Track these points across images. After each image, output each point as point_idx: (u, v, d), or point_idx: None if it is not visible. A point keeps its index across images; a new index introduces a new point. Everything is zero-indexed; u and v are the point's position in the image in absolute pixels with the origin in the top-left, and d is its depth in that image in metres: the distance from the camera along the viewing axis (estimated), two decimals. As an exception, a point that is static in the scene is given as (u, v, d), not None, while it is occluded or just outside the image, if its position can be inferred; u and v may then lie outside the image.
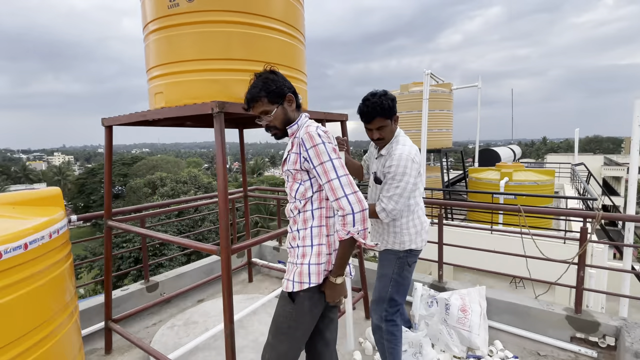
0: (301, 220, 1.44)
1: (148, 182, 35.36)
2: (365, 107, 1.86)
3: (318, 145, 1.33)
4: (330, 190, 1.31)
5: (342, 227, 1.30)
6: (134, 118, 2.27)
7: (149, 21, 2.17)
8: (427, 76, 5.95)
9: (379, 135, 1.92)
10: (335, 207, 1.32)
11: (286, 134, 1.50)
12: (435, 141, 7.91)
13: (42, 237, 1.41)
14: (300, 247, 1.44)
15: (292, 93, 1.47)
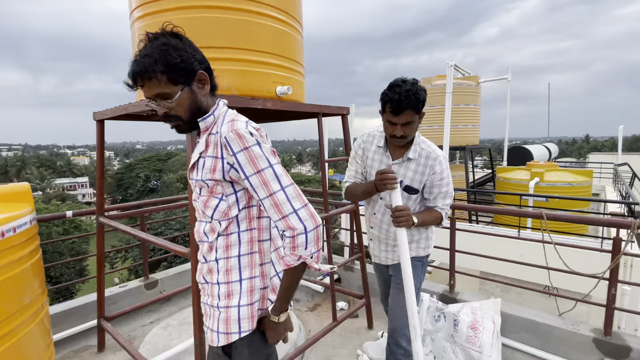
0: (222, 246, 1.07)
1: (180, 178, 36.77)
2: (397, 94, 1.48)
3: (252, 148, 0.98)
4: (273, 206, 0.98)
5: (291, 251, 0.98)
6: (117, 112, 2.18)
7: (133, 8, 2.07)
8: (451, 68, 5.55)
9: (402, 133, 1.56)
10: (281, 228, 0.98)
11: (194, 127, 1.08)
12: (459, 138, 7.42)
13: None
14: (222, 284, 1.07)
15: (205, 70, 1.07)
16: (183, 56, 0.98)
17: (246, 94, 1.96)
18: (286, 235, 0.98)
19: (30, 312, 1.54)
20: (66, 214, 2.73)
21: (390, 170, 1.52)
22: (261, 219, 1.10)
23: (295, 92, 2.25)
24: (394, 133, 1.58)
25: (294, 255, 0.99)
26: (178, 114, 1.03)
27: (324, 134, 6.84)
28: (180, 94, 1.00)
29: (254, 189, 0.99)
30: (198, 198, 1.10)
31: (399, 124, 1.54)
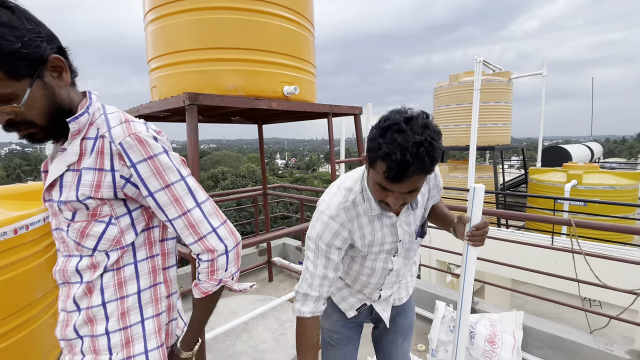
0: (111, 285, 0.82)
1: (211, 176, 38.03)
2: (400, 151, 0.85)
3: (158, 157, 0.78)
4: (187, 227, 0.81)
5: (210, 276, 0.84)
6: (132, 114, 2.25)
7: (146, 12, 2.12)
8: (479, 64, 5.27)
9: (403, 201, 0.99)
10: (197, 251, 0.83)
11: (56, 133, 0.80)
12: (488, 137, 7.02)
13: (5, 232, 1.40)
14: (115, 332, 0.82)
15: (58, 52, 0.75)
16: (24, 37, 0.67)
17: (252, 95, 1.95)
18: (203, 260, 0.84)
19: (43, 306, 1.61)
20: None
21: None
22: (165, 242, 0.91)
23: (304, 91, 2.21)
24: (388, 202, 0.99)
25: (213, 280, 0.85)
26: (29, 119, 0.73)
27: (342, 132, 6.73)
28: (29, 93, 0.71)
29: (160, 207, 0.80)
30: (69, 226, 0.80)
31: (404, 191, 0.95)
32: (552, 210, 4.71)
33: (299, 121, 3.15)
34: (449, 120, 7.34)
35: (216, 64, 1.93)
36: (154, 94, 2.15)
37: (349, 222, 1.10)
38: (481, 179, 7.03)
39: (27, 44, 0.68)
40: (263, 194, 3.64)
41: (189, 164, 1.67)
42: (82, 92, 0.85)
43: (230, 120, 3.18)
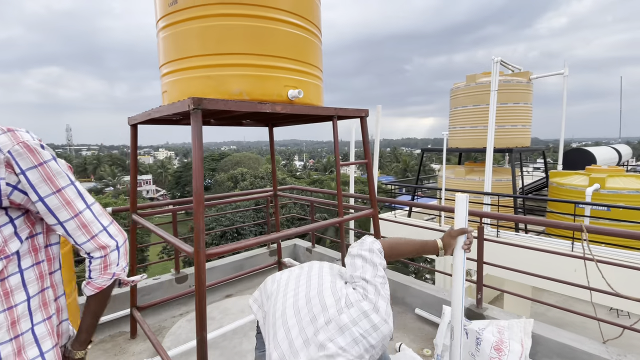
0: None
1: (231, 177, 38.66)
2: None
3: (48, 164, 0.83)
4: (79, 227, 0.87)
5: (103, 271, 0.91)
6: (144, 117, 2.34)
7: (157, 19, 2.20)
8: (496, 64, 5.13)
9: None
10: (90, 249, 0.89)
11: None
12: (506, 139, 6.79)
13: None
14: (5, 343, 0.82)
15: None
16: None
17: (257, 98, 1.99)
18: (95, 257, 0.90)
19: (56, 299, 1.71)
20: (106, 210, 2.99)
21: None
22: (50, 248, 0.93)
23: (310, 95, 2.24)
24: None
25: (107, 274, 0.92)
26: None
27: (352, 134, 6.70)
28: None
29: (51, 211, 0.84)
30: None
31: None
32: (573, 215, 4.53)
33: (312, 123, 3.18)
34: (466, 122, 7.18)
35: (222, 69, 1.99)
36: (165, 98, 2.23)
37: None
38: (499, 182, 6.84)
39: None
40: (273, 195, 3.69)
41: (193, 165, 1.73)
42: None
43: (242, 123, 3.25)
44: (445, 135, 5.80)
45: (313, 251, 4.12)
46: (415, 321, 2.99)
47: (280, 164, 63.59)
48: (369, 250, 1.21)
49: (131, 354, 2.66)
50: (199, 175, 1.72)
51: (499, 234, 5.30)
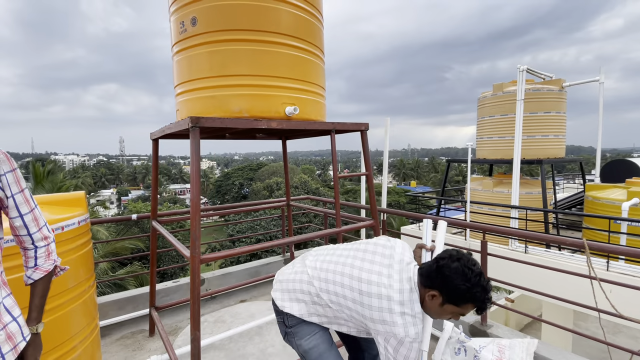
0: None
1: (266, 186, 39.76)
2: (488, 300, 1.30)
3: (17, 170, 1.09)
4: (33, 220, 1.11)
5: (47, 257, 1.15)
6: (161, 132, 2.59)
7: (172, 44, 2.45)
8: (522, 73, 4.93)
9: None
10: (38, 238, 1.13)
11: None
12: (536, 150, 6.38)
13: (43, 232, 1.74)
14: None
15: None
16: None
17: (255, 116, 2.14)
18: (41, 245, 1.13)
19: (75, 294, 1.94)
20: (132, 217, 3.29)
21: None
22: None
23: (307, 110, 2.36)
24: (454, 318, 1.38)
25: (50, 260, 1.16)
26: None
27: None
28: None
29: (17, 205, 1.07)
30: None
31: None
32: (608, 232, 4.18)
33: (322, 136, 3.28)
34: (494, 132, 6.91)
35: (225, 90, 2.17)
36: (178, 115, 2.46)
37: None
38: (529, 194, 6.47)
39: None
40: (287, 205, 3.83)
41: (191, 177, 1.90)
42: None
43: (256, 137, 3.44)
44: (470, 145, 5.64)
45: (326, 261, 4.18)
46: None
47: (315, 174, 64.16)
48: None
49: (147, 350, 2.88)
50: (196, 185, 1.89)
51: (527, 250, 5.02)
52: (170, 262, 17.68)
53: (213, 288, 3.74)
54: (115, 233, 13.48)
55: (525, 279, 4.35)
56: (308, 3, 2.34)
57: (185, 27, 2.23)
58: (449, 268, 1.28)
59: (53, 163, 14.61)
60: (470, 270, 1.26)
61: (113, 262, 11.67)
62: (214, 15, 2.10)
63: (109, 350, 2.88)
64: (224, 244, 19.05)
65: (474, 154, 7.40)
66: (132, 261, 13.27)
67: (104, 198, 38.21)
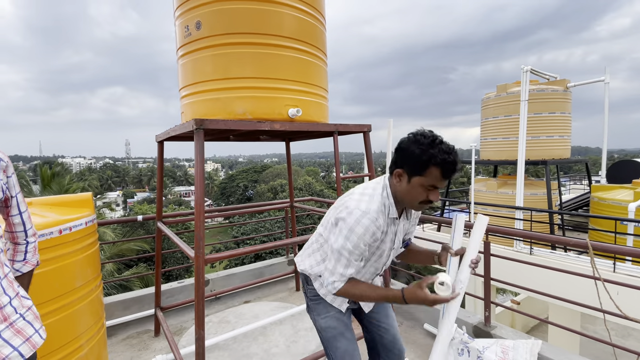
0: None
1: (271, 188, 39.87)
2: (453, 157, 1.24)
3: (15, 173, 1.19)
4: (28, 217, 1.23)
5: (34, 253, 1.26)
6: (166, 135, 2.62)
7: (177, 48, 2.49)
8: (526, 74, 4.91)
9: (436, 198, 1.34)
10: (31, 234, 1.24)
11: None
12: (540, 150, 6.35)
13: (51, 232, 1.77)
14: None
15: None
16: None
17: (259, 117, 2.17)
18: (31, 242, 1.24)
19: (82, 293, 1.97)
20: (137, 218, 3.33)
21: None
22: None
23: (310, 112, 2.39)
24: (432, 198, 1.29)
25: (37, 254, 1.28)
26: None
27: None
28: None
29: (19, 203, 1.18)
30: None
31: (440, 188, 1.32)
32: (614, 233, 4.14)
33: (325, 137, 3.30)
34: (498, 133, 6.88)
35: (229, 92, 2.20)
36: (182, 118, 2.49)
37: (377, 229, 1.31)
38: (534, 195, 6.42)
39: None
40: (290, 207, 3.85)
41: (195, 179, 1.93)
42: None
43: (259, 139, 3.47)
44: (474, 146, 5.63)
45: (330, 262, 4.19)
46: (425, 337, 2.95)
47: (320, 176, 64.16)
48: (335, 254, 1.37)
49: (152, 350, 2.91)
50: (201, 187, 1.92)
51: (532, 251, 4.99)
52: (175, 264, 17.77)
53: (217, 289, 3.76)
54: (121, 235, 13.59)
55: (531, 280, 4.33)
56: (310, 6, 2.36)
57: (190, 31, 2.26)
58: (403, 142, 1.30)
59: (60, 166, 14.80)
60: (423, 136, 1.26)
61: (119, 264, 11.78)
62: (218, 19, 2.13)
63: (115, 350, 2.91)
64: (229, 246, 19.12)
65: (478, 155, 7.38)
66: (138, 262, 13.38)
67: (110, 200, 38.53)
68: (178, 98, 2.58)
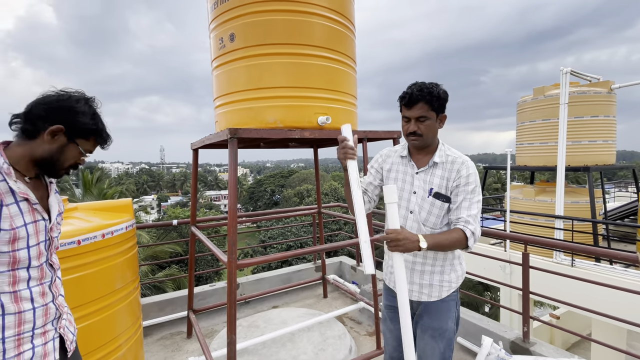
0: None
1: (297, 193, 40.24)
2: (410, 89, 1.49)
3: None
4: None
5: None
6: (201, 143, 2.72)
7: (212, 59, 2.58)
8: (565, 76, 4.65)
9: (415, 129, 1.50)
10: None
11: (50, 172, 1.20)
12: (582, 156, 5.94)
13: (95, 236, 1.88)
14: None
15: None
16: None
17: (289, 126, 2.20)
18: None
19: (121, 295, 2.07)
20: (172, 222, 3.46)
21: (345, 138, 1.50)
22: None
23: (339, 119, 2.39)
24: (408, 129, 1.51)
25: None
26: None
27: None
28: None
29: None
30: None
31: (413, 117, 1.49)
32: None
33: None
34: (535, 137, 6.56)
35: (260, 102, 2.25)
36: (217, 127, 2.57)
37: (382, 156, 1.76)
38: (576, 204, 6.04)
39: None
40: (318, 213, 3.86)
41: (229, 186, 1.98)
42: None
43: (289, 146, 3.52)
44: (509, 151, 5.39)
45: (358, 270, 4.16)
46: (457, 350, 2.84)
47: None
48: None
49: (185, 351, 3.00)
50: (234, 193, 1.97)
51: (573, 263, 4.68)
52: (204, 266, 18.29)
53: (247, 293, 3.82)
54: (156, 237, 14.17)
55: (572, 294, 4.07)
56: (340, 15, 2.38)
57: (224, 43, 2.34)
58: (443, 91, 1.52)
59: (100, 171, 15.67)
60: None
61: (153, 265, 12.27)
62: (250, 30, 2.19)
63: (150, 350, 3.02)
64: (256, 250, 19.42)
65: (514, 160, 7.08)
66: (170, 264, 13.88)
67: (145, 204, 40.39)
68: (210, 106, 2.68)
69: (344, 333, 3.07)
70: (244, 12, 2.19)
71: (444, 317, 1.57)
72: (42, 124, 1.06)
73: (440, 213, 1.53)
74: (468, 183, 1.49)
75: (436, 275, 1.57)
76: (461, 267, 1.63)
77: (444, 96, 1.49)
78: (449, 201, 1.52)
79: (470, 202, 1.48)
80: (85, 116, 1.11)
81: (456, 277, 1.59)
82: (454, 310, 1.61)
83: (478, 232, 1.45)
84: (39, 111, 1.06)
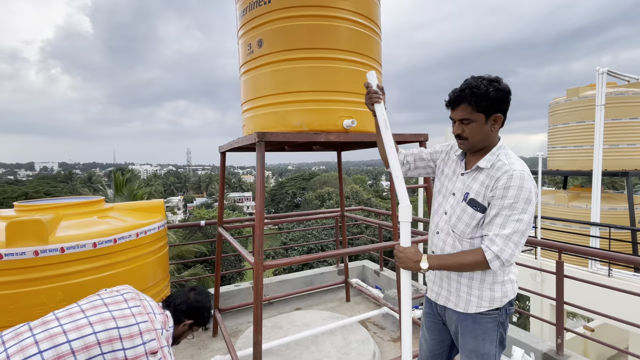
0: None
1: (318, 195, 40.31)
2: (455, 89, 1.40)
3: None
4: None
5: None
6: (228, 146, 2.79)
7: (240, 65, 2.65)
8: (602, 76, 4.42)
9: (460, 132, 1.42)
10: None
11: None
12: (620, 160, 5.62)
13: (130, 235, 1.97)
14: None
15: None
16: None
17: (315, 129, 2.22)
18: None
19: (152, 293, 2.16)
20: (200, 223, 3.56)
21: (370, 84, 1.59)
22: None
23: (364, 122, 2.39)
24: (453, 132, 1.47)
25: None
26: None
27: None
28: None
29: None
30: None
31: (456, 119, 1.42)
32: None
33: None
34: (569, 141, 6.27)
35: (287, 106, 2.29)
36: (244, 130, 2.63)
37: (449, 147, 1.67)
38: (613, 210, 5.71)
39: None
40: (341, 216, 3.86)
41: (256, 188, 2.02)
42: None
43: (312, 149, 3.54)
44: (540, 155, 5.18)
45: (381, 274, 4.12)
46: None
47: (367, 184, 63.46)
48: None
49: (210, 350, 3.07)
50: (261, 196, 2.01)
51: (610, 273, 4.43)
52: (228, 266, 18.61)
53: (270, 294, 3.87)
54: (182, 237, 14.59)
55: (609, 305, 3.85)
56: (366, 18, 2.39)
57: (252, 49, 2.40)
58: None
59: (130, 172, 16.31)
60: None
61: (179, 264, 12.63)
62: (278, 36, 2.23)
63: (177, 347, 3.11)
64: (278, 252, 19.59)
65: (545, 164, 6.77)
66: (195, 264, 14.23)
67: (172, 205, 41.71)
68: (234, 110, 2.76)
69: (368, 338, 3.04)
70: (272, 18, 2.23)
71: (480, 339, 1.46)
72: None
73: (471, 222, 1.41)
74: (505, 196, 1.31)
75: (463, 287, 1.47)
76: (502, 290, 1.43)
77: (494, 95, 1.33)
78: (484, 212, 1.39)
79: (506, 219, 1.30)
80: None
81: (491, 297, 1.43)
82: (494, 332, 1.46)
83: (506, 256, 1.28)
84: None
